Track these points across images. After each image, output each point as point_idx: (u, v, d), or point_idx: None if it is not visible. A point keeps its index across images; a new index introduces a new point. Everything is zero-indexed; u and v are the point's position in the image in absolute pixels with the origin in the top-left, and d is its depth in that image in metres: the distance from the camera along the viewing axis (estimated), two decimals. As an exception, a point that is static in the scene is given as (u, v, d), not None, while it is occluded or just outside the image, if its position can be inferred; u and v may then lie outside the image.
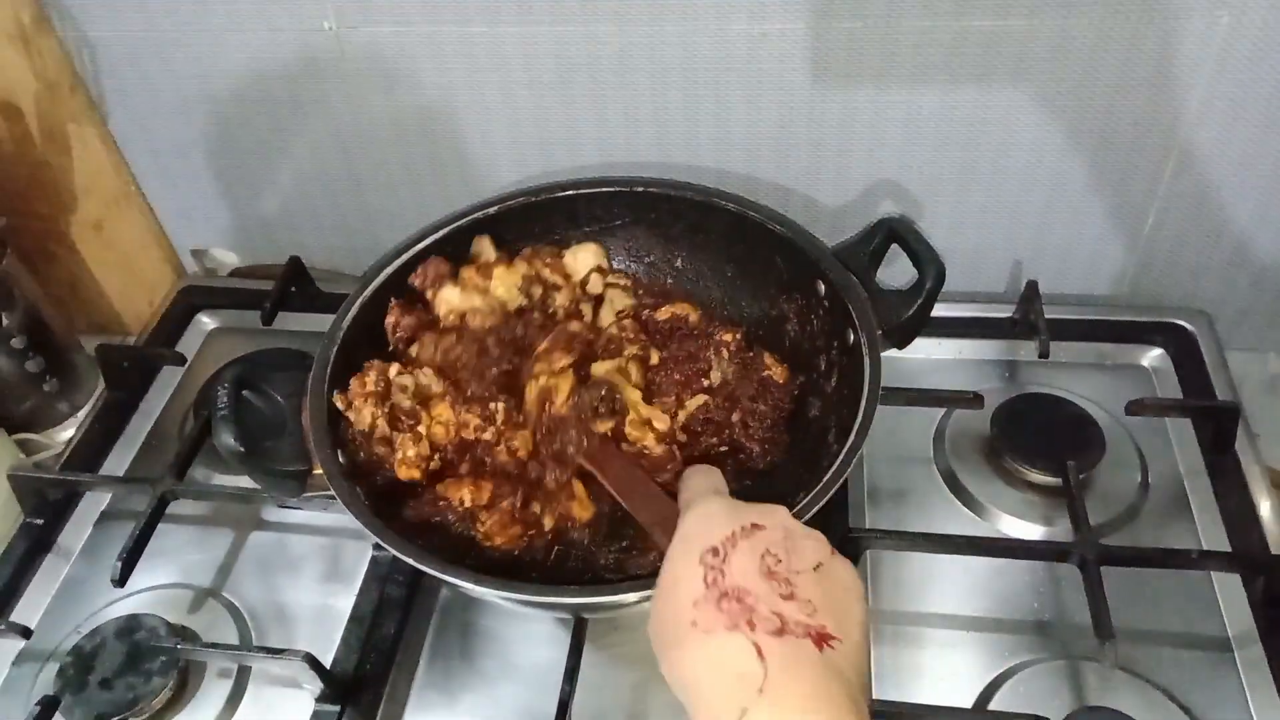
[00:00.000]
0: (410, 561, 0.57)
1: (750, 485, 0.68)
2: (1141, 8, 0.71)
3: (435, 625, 0.73)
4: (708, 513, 0.49)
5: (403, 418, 0.67)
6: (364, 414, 0.66)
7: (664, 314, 0.76)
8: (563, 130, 0.85)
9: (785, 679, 0.41)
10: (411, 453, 0.65)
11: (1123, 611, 0.66)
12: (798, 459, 0.69)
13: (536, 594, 0.57)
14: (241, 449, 0.59)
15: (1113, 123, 0.78)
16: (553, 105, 0.83)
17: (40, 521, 0.81)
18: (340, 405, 0.67)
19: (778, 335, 0.76)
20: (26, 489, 0.81)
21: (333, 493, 0.60)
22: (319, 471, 0.62)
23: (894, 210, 0.86)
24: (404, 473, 0.65)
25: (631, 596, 0.55)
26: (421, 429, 0.66)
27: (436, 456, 0.67)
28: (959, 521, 0.76)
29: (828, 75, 0.78)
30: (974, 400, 0.77)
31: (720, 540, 0.46)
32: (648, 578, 0.55)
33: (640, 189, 0.78)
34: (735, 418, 0.70)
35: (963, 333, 0.88)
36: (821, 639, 0.42)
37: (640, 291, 0.79)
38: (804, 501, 0.57)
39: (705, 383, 0.72)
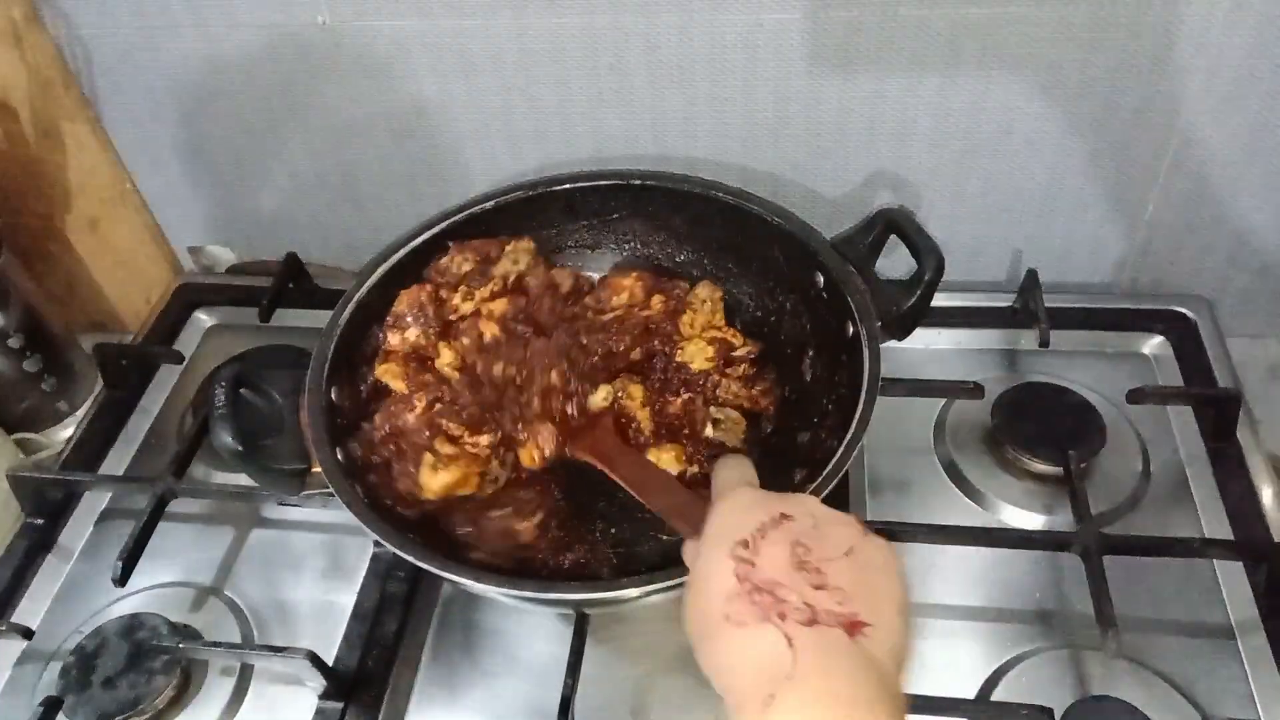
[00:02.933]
0: (410, 559, 0.57)
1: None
2: (1141, -7, 0.71)
3: (437, 621, 0.73)
4: (737, 505, 0.49)
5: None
6: (407, 335, 0.71)
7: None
8: (558, 123, 0.84)
9: (814, 666, 0.41)
10: (421, 405, 0.67)
11: (1125, 600, 0.65)
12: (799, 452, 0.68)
13: (538, 591, 0.57)
14: (240, 448, 0.59)
15: (1112, 110, 0.78)
16: (548, 98, 0.83)
17: (40, 521, 0.81)
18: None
19: (777, 328, 0.75)
20: (26, 489, 0.81)
21: (332, 490, 0.60)
22: (318, 470, 0.62)
23: (892, 200, 0.85)
24: (413, 421, 0.67)
25: (633, 592, 0.55)
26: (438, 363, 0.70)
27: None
28: (960, 512, 0.76)
29: (825, 65, 0.77)
30: (974, 390, 0.76)
31: (750, 533, 0.46)
32: (648, 573, 0.55)
33: (638, 182, 0.77)
34: None
35: (963, 322, 0.88)
36: (853, 627, 0.42)
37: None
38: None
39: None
